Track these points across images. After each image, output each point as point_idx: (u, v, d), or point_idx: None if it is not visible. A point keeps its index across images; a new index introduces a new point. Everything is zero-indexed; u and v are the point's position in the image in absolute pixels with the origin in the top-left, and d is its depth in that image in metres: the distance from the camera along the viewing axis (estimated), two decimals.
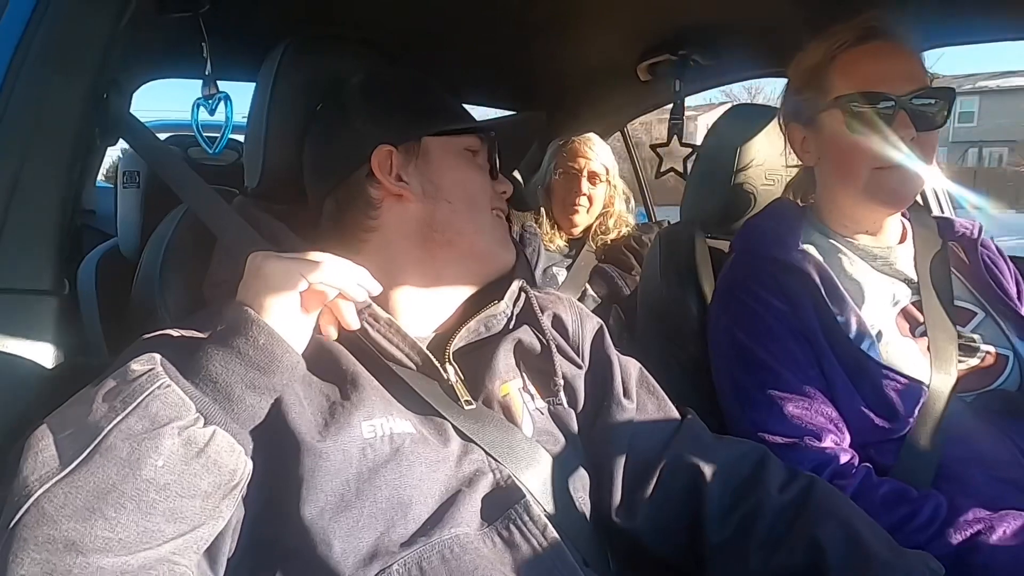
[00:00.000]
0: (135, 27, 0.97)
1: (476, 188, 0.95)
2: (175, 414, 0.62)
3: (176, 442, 0.61)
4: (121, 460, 0.59)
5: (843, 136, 1.10)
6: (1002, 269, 1.25)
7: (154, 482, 0.59)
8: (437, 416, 0.83)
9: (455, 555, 0.72)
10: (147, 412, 0.61)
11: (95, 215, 2.49)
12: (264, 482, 0.71)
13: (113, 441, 0.59)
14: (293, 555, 0.70)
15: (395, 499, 0.74)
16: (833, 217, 1.21)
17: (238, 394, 0.66)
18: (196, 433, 0.63)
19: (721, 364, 1.19)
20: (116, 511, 0.58)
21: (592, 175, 2.16)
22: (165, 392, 0.63)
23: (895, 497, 0.98)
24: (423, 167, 0.92)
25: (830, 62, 1.12)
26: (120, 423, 0.60)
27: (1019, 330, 1.15)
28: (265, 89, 1.01)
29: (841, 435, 1.05)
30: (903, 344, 1.10)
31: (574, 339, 0.98)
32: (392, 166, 0.91)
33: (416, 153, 0.92)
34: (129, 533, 0.58)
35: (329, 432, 0.74)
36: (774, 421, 1.06)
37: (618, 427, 0.92)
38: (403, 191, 0.91)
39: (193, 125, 1.22)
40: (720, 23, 1.63)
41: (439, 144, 0.94)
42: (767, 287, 1.13)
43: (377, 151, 0.90)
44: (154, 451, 0.60)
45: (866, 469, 1.03)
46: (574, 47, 1.86)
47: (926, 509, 0.96)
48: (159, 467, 0.60)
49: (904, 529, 0.94)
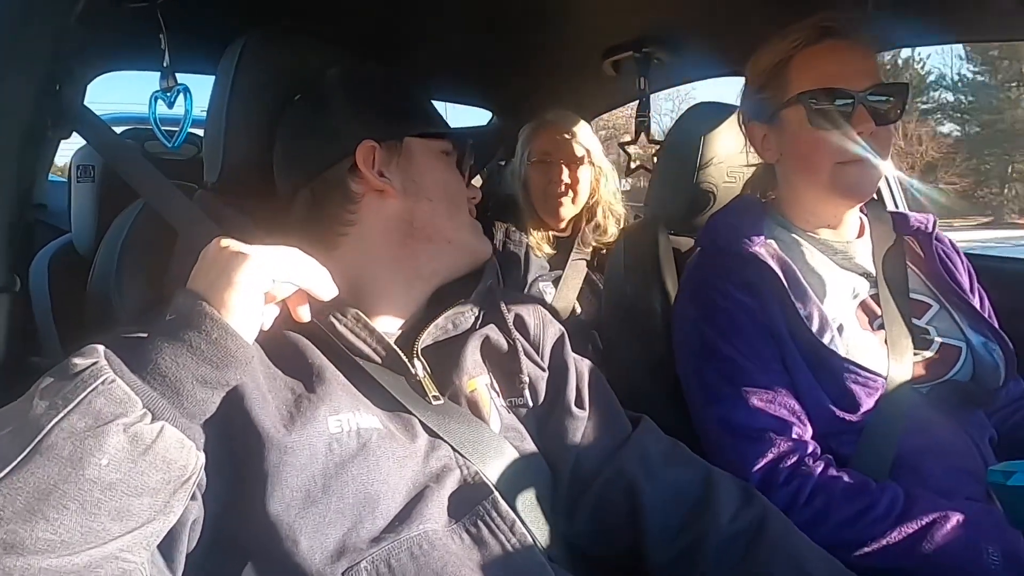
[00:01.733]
0: (90, 16, 0.94)
1: (455, 188, 0.96)
2: (120, 410, 0.59)
3: (122, 439, 0.58)
4: (63, 459, 0.56)
5: (805, 132, 1.12)
6: (955, 262, 1.29)
7: (99, 481, 0.57)
8: (404, 412, 0.83)
9: (424, 552, 0.72)
10: (90, 408, 0.58)
11: (47, 210, 2.43)
12: (226, 478, 0.70)
13: (54, 440, 0.56)
14: (259, 552, 0.69)
15: (362, 494, 0.73)
16: (795, 212, 1.23)
17: (188, 389, 0.63)
18: (143, 429, 0.60)
19: (686, 359, 1.21)
20: (58, 512, 0.55)
21: (571, 158, 1.93)
22: (109, 387, 0.59)
23: (855, 489, 1.00)
24: (405, 165, 0.93)
25: (788, 60, 1.14)
26: (61, 421, 0.57)
27: (972, 322, 1.19)
28: (225, 82, 0.99)
29: (804, 427, 1.07)
30: (862, 337, 1.13)
31: (535, 341, 0.98)
32: (375, 162, 0.91)
33: (398, 151, 0.93)
34: (73, 534, 0.56)
35: (294, 427, 0.73)
36: (739, 415, 1.08)
37: (566, 434, 0.92)
38: (385, 186, 0.91)
39: (151, 118, 1.19)
40: (682, 22, 1.65)
41: (420, 144, 0.95)
42: (733, 282, 1.15)
43: (362, 146, 0.90)
44: (98, 449, 0.57)
45: (827, 460, 1.05)
46: (540, 43, 1.86)
47: (883, 500, 0.98)
48: (104, 466, 0.57)
49: (863, 520, 0.96)
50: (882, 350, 1.11)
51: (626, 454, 0.92)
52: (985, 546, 0.93)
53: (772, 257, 1.15)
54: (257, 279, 0.67)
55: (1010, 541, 0.93)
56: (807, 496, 1.00)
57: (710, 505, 0.89)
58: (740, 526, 0.88)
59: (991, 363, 1.15)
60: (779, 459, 1.03)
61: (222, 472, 0.70)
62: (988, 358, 1.15)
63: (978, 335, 1.17)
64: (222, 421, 0.69)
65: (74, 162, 1.70)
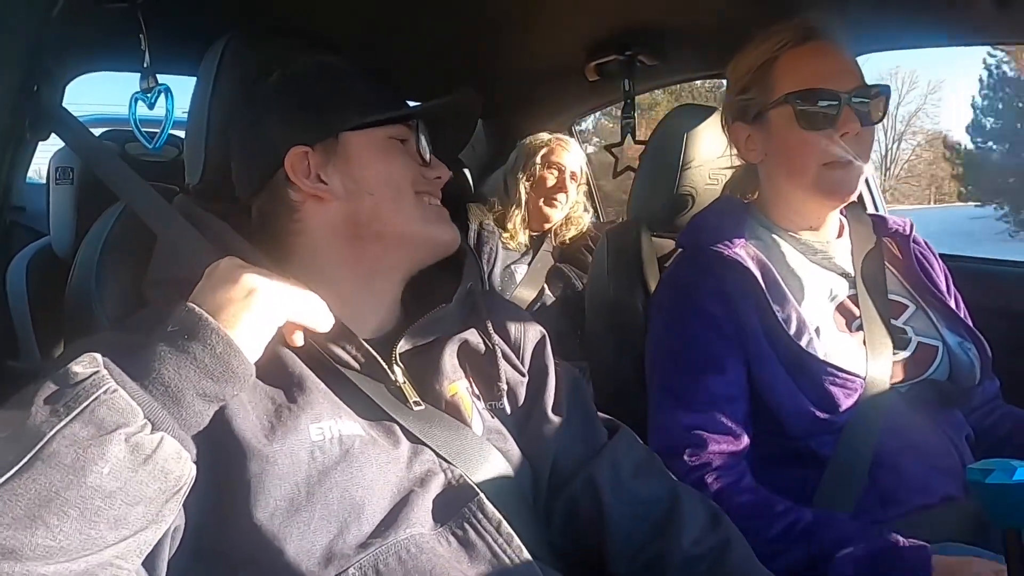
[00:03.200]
0: (69, 16, 0.93)
1: (399, 175, 0.90)
2: (122, 420, 0.60)
3: (123, 448, 0.59)
4: (65, 467, 0.57)
5: (791, 133, 1.13)
6: (932, 264, 1.30)
7: (100, 489, 0.57)
8: (386, 418, 0.82)
9: (412, 556, 0.72)
10: (93, 418, 0.59)
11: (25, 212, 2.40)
12: (208, 489, 0.69)
13: (56, 447, 0.57)
14: (244, 561, 0.69)
15: (347, 501, 0.73)
16: (777, 212, 1.24)
17: (188, 401, 0.64)
18: (143, 440, 0.60)
19: (649, 356, 1.24)
20: (59, 519, 0.56)
21: (573, 174, 2.27)
22: (112, 397, 0.60)
23: (755, 509, 1.03)
24: (342, 165, 0.88)
25: (773, 61, 1.15)
26: (63, 428, 0.58)
27: (948, 322, 1.21)
28: (206, 84, 0.98)
29: (735, 442, 1.10)
30: (840, 339, 1.14)
31: (515, 345, 0.97)
32: (310, 167, 0.87)
33: (334, 151, 0.88)
34: (72, 541, 0.56)
35: (276, 436, 0.73)
36: (676, 421, 1.11)
37: (543, 439, 0.92)
38: (321, 192, 0.87)
39: (131, 120, 1.18)
40: (665, 24, 1.66)
41: (359, 138, 0.89)
42: (708, 290, 1.15)
43: (290, 154, 0.87)
44: (100, 458, 0.58)
45: (739, 475, 1.08)
46: (522, 46, 1.86)
47: (778, 524, 1.01)
48: (105, 474, 0.58)
49: (758, 539, 0.96)
50: (860, 351, 1.13)
51: (598, 463, 0.92)
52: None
53: (751, 259, 1.16)
54: (277, 314, 0.71)
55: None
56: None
57: (673, 524, 0.90)
58: (702, 550, 0.88)
59: (967, 362, 1.17)
60: (697, 469, 1.07)
61: (202, 481, 0.70)
62: (964, 357, 1.17)
63: (954, 335, 1.19)
64: (203, 433, 0.69)
65: (52, 164, 1.68)
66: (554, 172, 2.25)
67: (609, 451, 0.94)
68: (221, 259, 0.74)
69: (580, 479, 0.91)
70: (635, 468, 0.94)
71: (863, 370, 1.10)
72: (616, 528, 0.89)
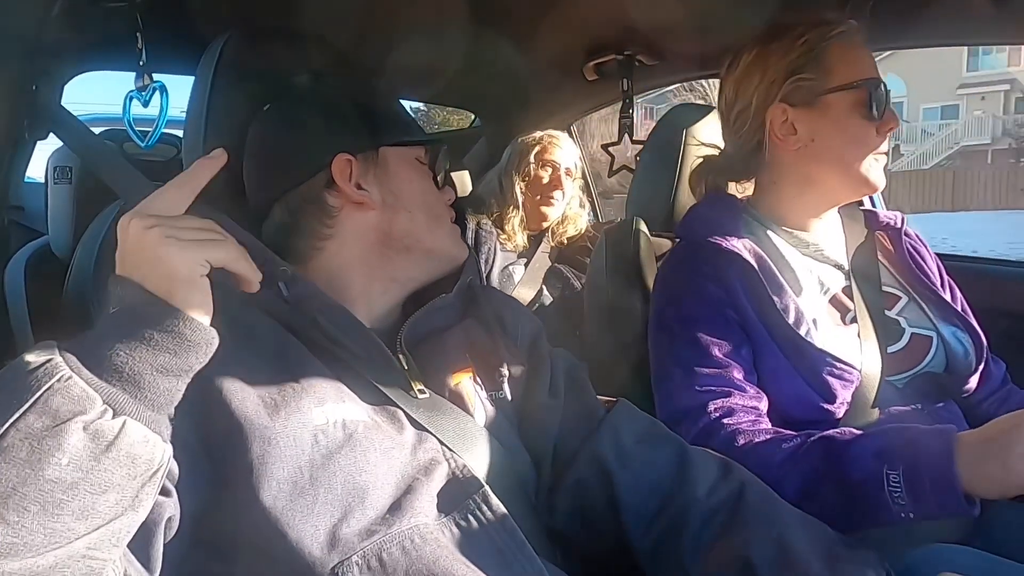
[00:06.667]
0: (67, 16, 0.93)
1: (433, 198, 0.96)
2: (79, 408, 0.57)
3: (82, 437, 0.56)
4: (21, 461, 0.54)
5: (852, 119, 1.13)
6: (924, 256, 1.31)
7: (60, 482, 0.55)
8: (390, 405, 0.83)
9: (415, 546, 0.72)
10: (47, 408, 0.56)
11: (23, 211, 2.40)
12: (205, 473, 0.69)
13: (10, 441, 0.55)
14: (247, 546, 0.69)
15: (351, 485, 0.73)
16: (784, 205, 1.23)
17: (148, 380, 0.61)
18: (104, 426, 0.58)
19: (651, 337, 1.24)
20: (19, 515, 0.54)
21: (568, 170, 2.26)
22: (66, 385, 0.57)
23: (770, 441, 1.02)
24: (382, 176, 0.92)
25: (827, 48, 1.14)
26: (17, 421, 0.55)
27: (941, 312, 1.22)
28: (205, 83, 0.98)
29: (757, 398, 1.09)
30: (836, 331, 1.15)
31: (512, 335, 0.99)
32: (352, 174, 0.90)
33: (375, 162, 0.92)
34: (35, 536, 0.55)
35: (279, 415, 0.73)
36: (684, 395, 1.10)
37: (544, 424, 0.93)
38: (364, 199, 0.90)
39: (124, 119, 1.18)
40: (663, 24, 1.66)
41: (396, 153, 0.94)
42: (705, 273, 1.16)
43: (337, 159, 0.89)
44: (57, 449, 0.55)
45: (759, 413, 1.07)
46: (521, 46, 1.86)
47: (792, 443, 1.00)
48: (64, 465, 0.55)
49: (772, 462, 0.98)
50: (855, 344, 1.13)
51: (599, 438, 0.92)
52: (888, 473, 0.90)
53: (748, 251, 1.16)
54: (194, 270, 0.64)
55: (914, 456, 0.90)
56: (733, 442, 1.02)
57: (686, 481, 0.89)
58: (719, 499, 0.88)
59: (962, 351, 1.18)
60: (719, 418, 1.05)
61: (199, 467, 0.69)
62: (959, 346, 1.18)
63: (948, 325, 1.20)
64: (199, 413, 0.68)
65: (51, 163, 1.68)
66: (548, 170, 2.25)
67: (608, 422, 0.94)
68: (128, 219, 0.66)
69: (583, 456, 0.91)
70: (638, 435, 0.94)
71: (859, 362, 1.11)
72: (629, 496, 0.89)
